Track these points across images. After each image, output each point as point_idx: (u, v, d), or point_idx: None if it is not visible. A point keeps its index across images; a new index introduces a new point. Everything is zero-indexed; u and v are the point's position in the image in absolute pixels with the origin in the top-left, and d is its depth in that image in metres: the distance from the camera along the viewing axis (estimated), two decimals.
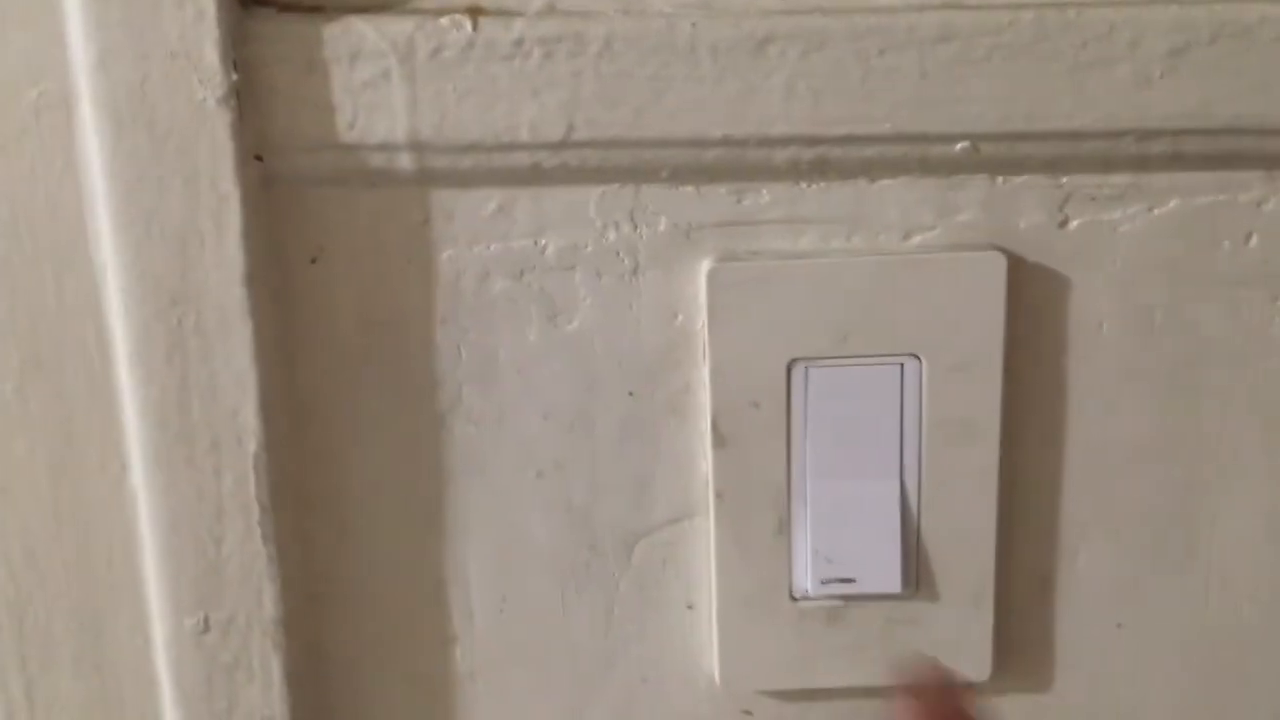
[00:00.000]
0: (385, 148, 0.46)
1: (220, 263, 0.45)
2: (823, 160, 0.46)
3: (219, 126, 0.44)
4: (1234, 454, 0.50)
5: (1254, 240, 0.48)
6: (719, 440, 0.49)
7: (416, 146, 0.46)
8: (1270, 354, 0.49)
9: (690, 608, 0.52)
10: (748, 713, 0.53)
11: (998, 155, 0.46)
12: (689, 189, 0.47)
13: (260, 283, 0.46)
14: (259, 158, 0.45)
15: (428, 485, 0.50)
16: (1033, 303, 0.48)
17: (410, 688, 0.53)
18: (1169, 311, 0.48)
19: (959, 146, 0.46)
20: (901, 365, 0.48)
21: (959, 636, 0.51)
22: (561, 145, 0.46)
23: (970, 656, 0.51)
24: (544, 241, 0.48)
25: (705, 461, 0.50)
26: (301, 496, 0.50)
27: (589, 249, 0.48)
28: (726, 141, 0.46)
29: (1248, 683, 0.53)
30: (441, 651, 0.52)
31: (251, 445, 0.47)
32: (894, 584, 0.50)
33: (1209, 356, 0.49)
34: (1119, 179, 0.47)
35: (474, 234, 0.48)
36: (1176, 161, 0.46)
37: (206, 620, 0.49)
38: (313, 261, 0.48)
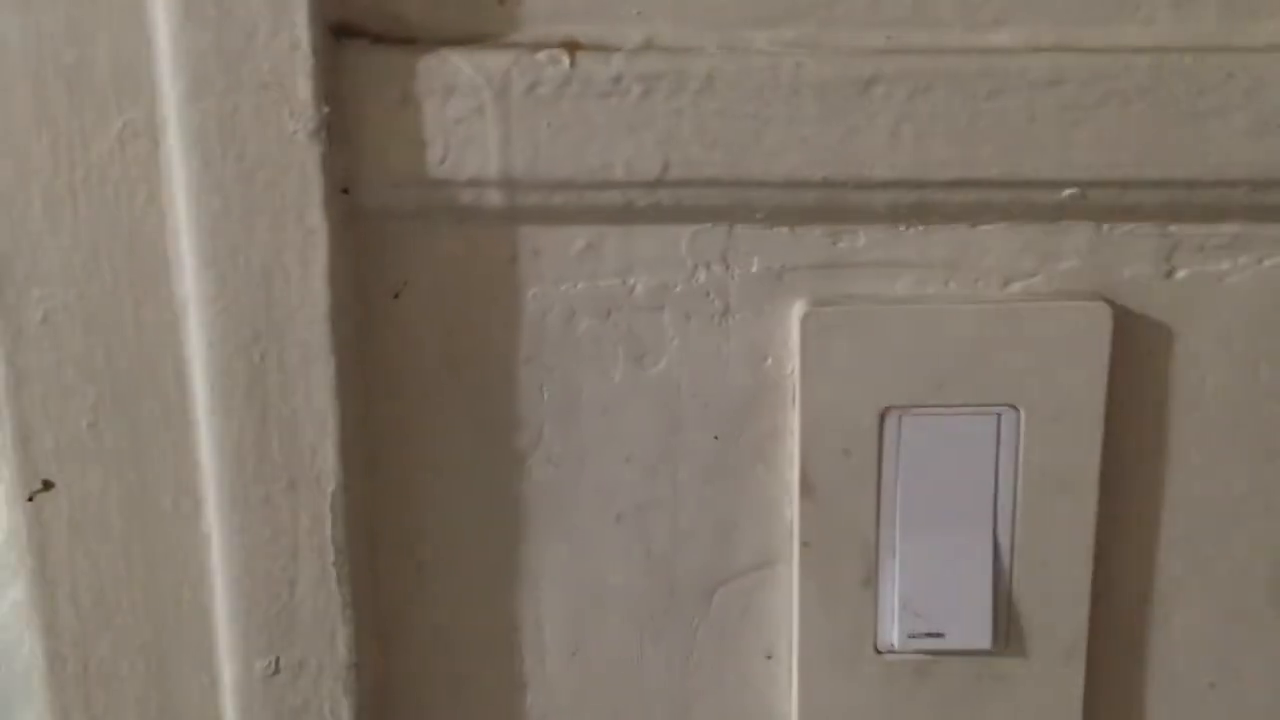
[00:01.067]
0: (476, 183, 0.44)
1: (304, 298, 0.44)
2: (924, 204, 0.45)
3: (309, 160, 0.42)
4: None
5: None
6: (806, 488, 0.48)
7: (508, 183, 0.44)
8: None
9: (769, 658, 0.51)
10: None
11: (1105, 202, 0.45)
12: (783, 230, 0.46)
13: (343, 318, 0.45)
14: (346, 191, 0.44)
15: (505, 526, 0.49)
16: (1135, 355, 0.47)
17: None
18: (1274, 367, 0.47)
19: (1066, 193, 0.45)
20: (999, 416, 0.47)
21: (1049, 695, 0.49)
22: (657, 184, 0.44)
23: (1059, 716, 0.50)
24: (633, 281, 0.47)
25: (791, 509, 0.49)
26: (376, 537, 0.49)
27: (678, 289, 0.47)
28: (826, 183, 0.44)
29: None
30: (512, 697, 0.51)
31: (330, 485, 0.46)
32: (984, 640, 0.48)
33: None
34: (1229, 229, 0.46)
35: (561, 272, 0.47)
36: None
37: (277, 663, 0.48)
38: (396, 297, 0.47)
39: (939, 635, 0.48)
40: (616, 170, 0.44)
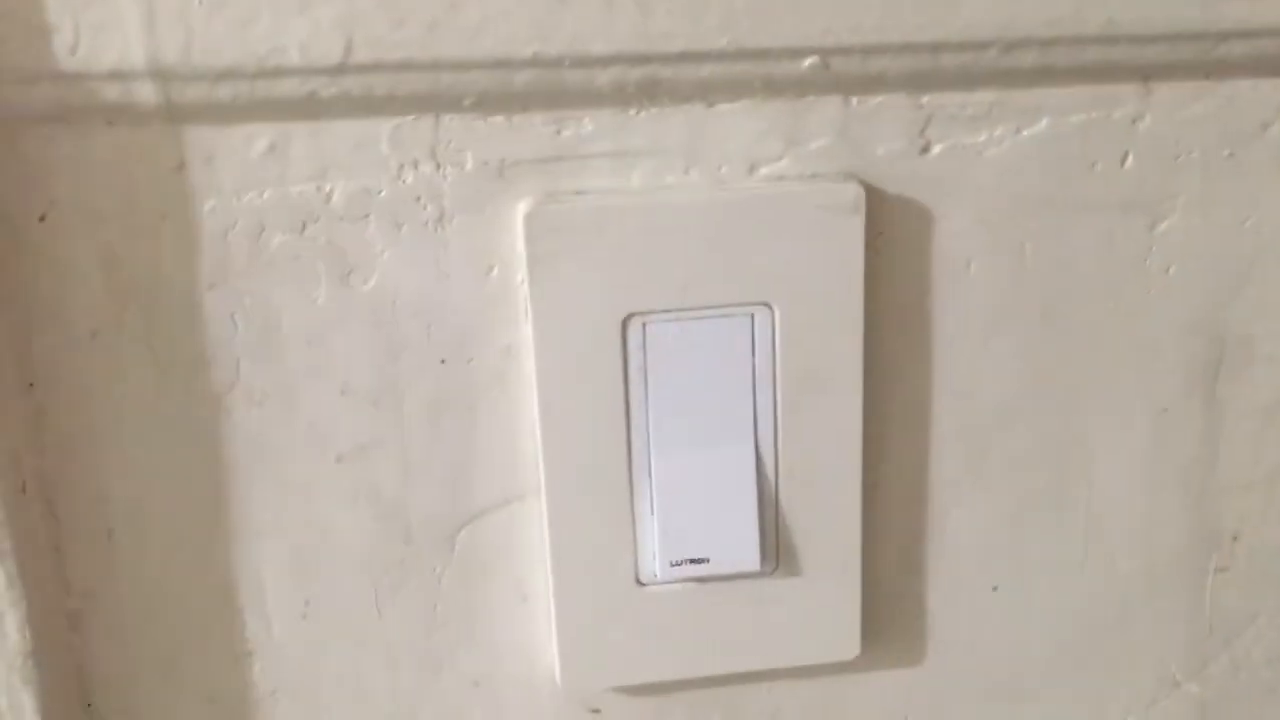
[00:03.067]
0: (119, 76, 0.37)
1: None
2: (653, 82, 0.40)
3: None
4: (1109, 398, 0.46)
5: (1129, 161, 0.43)
6: (547, 410, 0.43)
7: (159, 74, 0.37)
8: (1147, 288, 0.45)
9: (525, 601, 0.46)
10: (596, 711, 0.47)
11: (850, 72, 0.40)
12: (499, 119, 0.40)
13: None
14: None
15: (206, 479, 0.43)
16: (893, 240, 0.43)
17: (202, 713, 0.45)
18: (1040, 245, 0.44)
19: (807, 63, 0.40)
20: (751, 315, 0.42)
21: (824, 614, 0.46)
22: (340, 69, 0.38)
23: (837, 635, 0.46)
24: (329, 186, 0.40)
25: (533, 435, 0.43)
26: (50, 502, 0.42)
27: (383, 194, 0.41)
28: (538, 61, 0.39)
29: (1125, 640, 0.49)
30: (236, 668, 0.45)
31: None
32: (752, 561, 0.44)
33: (1083, 293, 0.44)
34: (983, 96, 0.42)
35: (242, 180, 0.40)
36: (1045, 75, 0.41)
37: None
38: (41, 219, 0.39)
39: (703, 560, 0.44)
40: (291, 54, 0.38)
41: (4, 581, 0.40)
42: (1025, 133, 0.42)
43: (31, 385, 0.41)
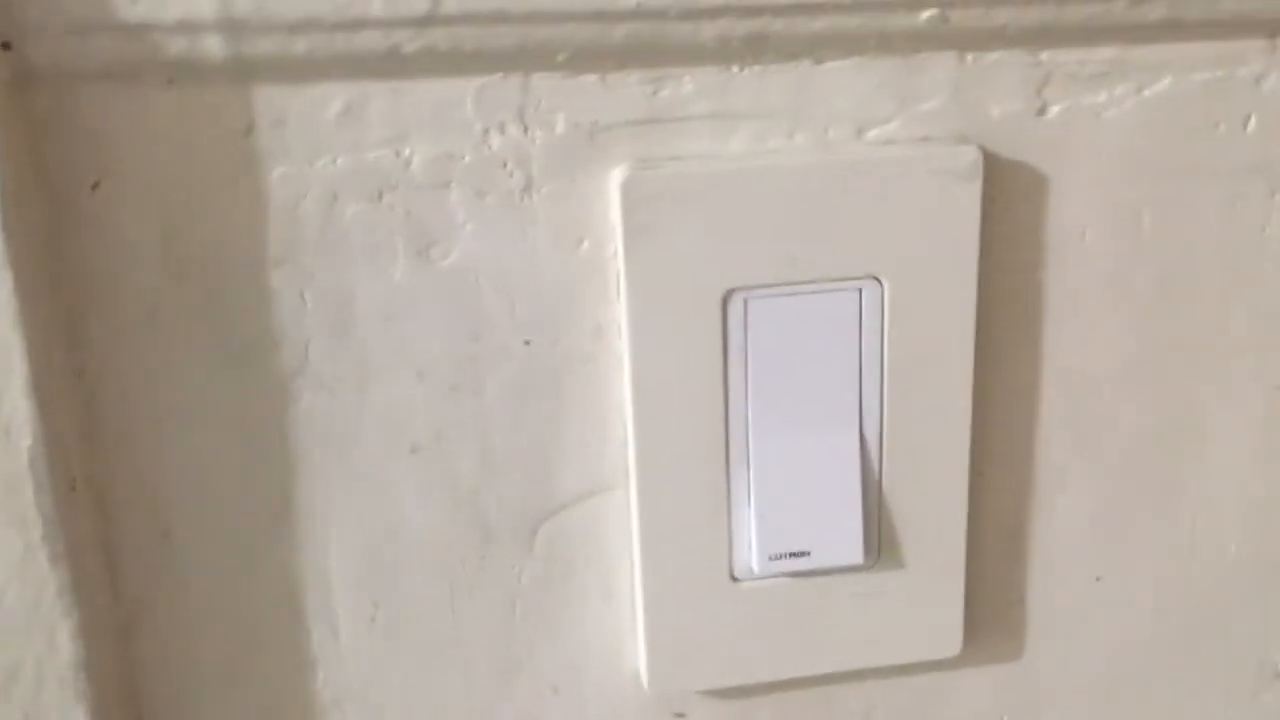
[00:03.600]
0: (186, 27, 0.34)
1: None
2: (760, 36, 0.37)
3: None
4: (1225, 375, 0.43)
5: (1252, 124, 0.41)
6: (640, 394, 0.39)
7: (230, 25, 0.34)
8: (1265, 258, 0.42)
9: (609, 599, 0.43)
10: (680, 715, 0.44)
11: (969, 25, 0.38)
12: (592, 78, 0.37)
13: (20, 217, 0.34)
14: (6, 45, 0.33)
15: (271, 470, 0.39)
16: (1007, 208, 0.40)
17: None
18: (1158, 213, 0.41)
19: (924, 15, 0.37)
20: (860, 290, 0.39)
21: (927, 609, 0.43)
22: (427, 20, 0.35)
23: (939, 631, 0.44)
24: (408, 152, 0.37)
25: (623, 421, 0.40)
26: (103, 501, 0.38)
27: (467, 160, 0.37)
28: (640, 12, 0.36)
29: (1229, 630, 0.47)
30: (299, 678, 0.42)
31: (25, 438, 0.35)
32: (855, 555, 0.41)
33: (1200, 264, 0.42)
34: (1104, 53, 0.39)
35: (315, 144, 0.36)
36: (1171, 29, 0.39)
37: None
38: (94, 187, 0.36)
39: (804, 554, 0.41)
40: (373, 5, 0.34)
41: (55, 589, 0.36)
42: (1146, 92, 0.40)
43: (82, 372, 0.37)
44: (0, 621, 0.36)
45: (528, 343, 0.39)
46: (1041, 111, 0.39)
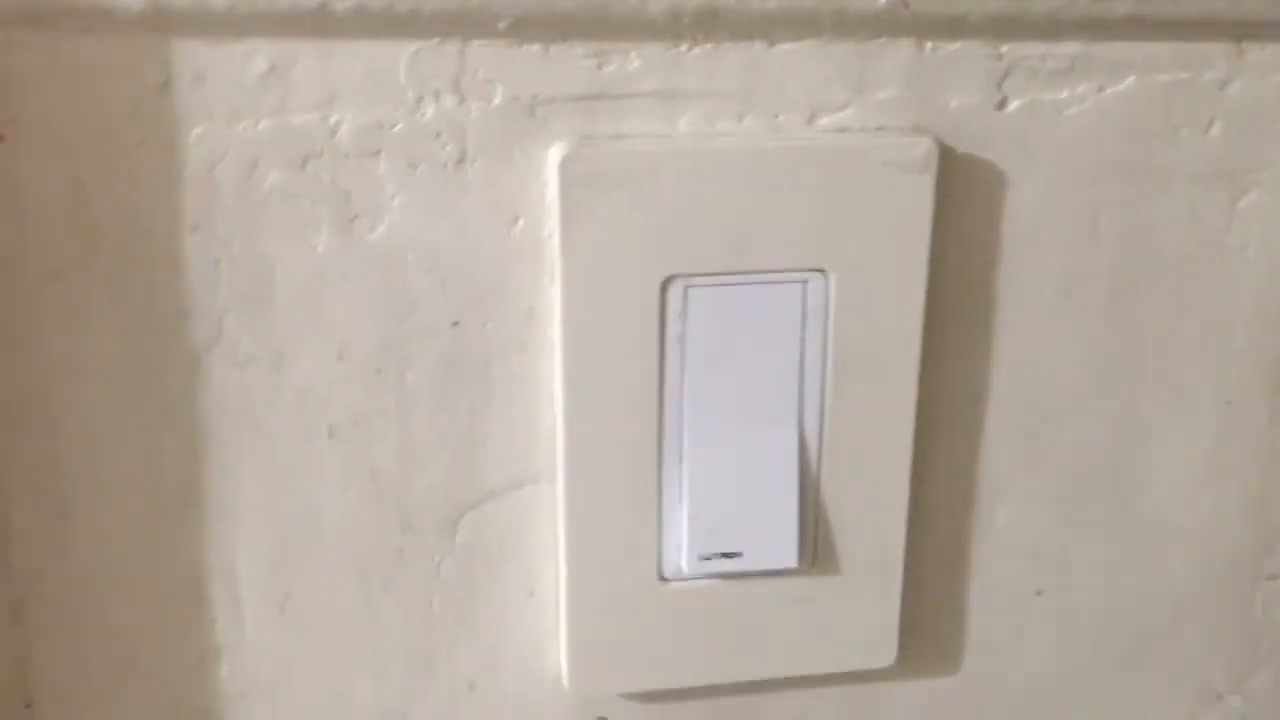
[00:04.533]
0: None
1: None
2: (711, 13, 0.35)
3: None
4: (1178, 386, 0.42)
5: (1215, 128, 0.39)
6: (571, 383, 0.38)
7: None
8: (1225, 267, 0.41)
9: (532, 595, 0.41)
10: (602, 719, 0.43)
11: (930, 12, 0.36)
12: (534, 48, 0.35)
13: None
14: None
15: (179, 448, 0.37)
16: (960, 204, 0.39)
17: (161, 718, 0.40)
18: (1114, 216, 0.40)
19: (884, 0, 0.36)
20: (804, 283, 0.38)
21: (861, 617, 0.42)
22: None
23: (873, 640, 0.42)
24: (335, 118, 0.35)
25: (553, 411, 0.39)
26: None
27: (398, 128, 0.35)
28: None
29: (1169, 649, 0.46)
30: (203, 668, 0.40)
31: None
32: (790, 558, 0.40)
33: (1155, 271, 0.41)
34: (1068, 48, 0.38)
35: (235, 105, 0.34)
36: (1136, 27, 0.38)
37: None
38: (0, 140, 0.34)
39: (736, 555, 0.40)
40: None
41: None
42: (1109, 91, 0.38)
43: None
44: None
45: (456, 324, 0.38)
46: (1001, 105, 0.38)
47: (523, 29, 0.35)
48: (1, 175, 0.34)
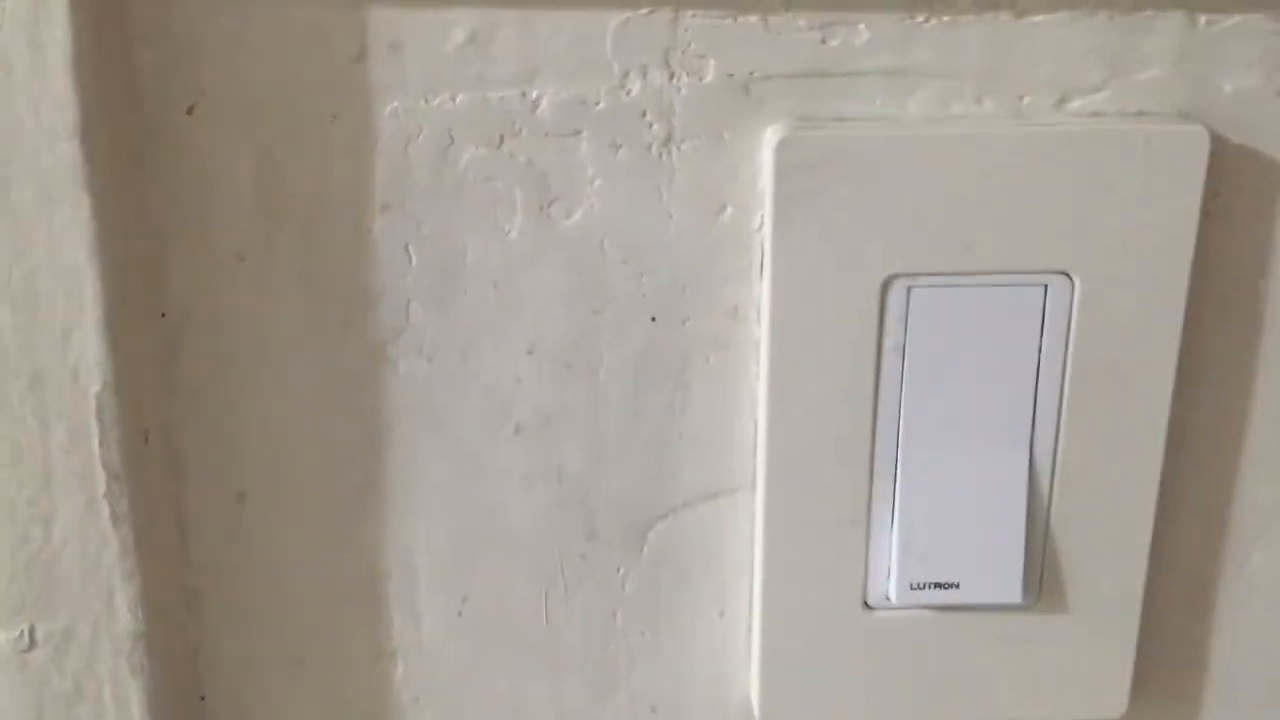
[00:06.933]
0: None
1: (38, 103, 0.29)
2: None
3: None
4: None
5: None
6: (777, 388, 0.34)
7: None
8: None
9: (722, 615, 0.38)
10: None
11: None
12: (752, 19, 0.32)
13: (104, 138, 0.30)
14: None
15: (360, 440, 0.35)
16: (1232, 202, 0.34)
17: (331, 717, 0.38)
18: None
19: None
20: (1045, 287, 0.34)
21: (1091, 661, 0.37)
22: None
23: (1103, 686, 0.38)
24: (535, 93, 0.33)
25: (755, 417, 0.35)
26: (177, 458, 0.35)
27: (601, 106, 0.33)
28: None
29: None
30: (376, 669, 0.38)
31: (94, 384, 0.32)
32: (1013, 592, 0.36)
33: None
34: None
35: (432, 78, 0.32)
36: None
37: (32, 633, 0.34)
38: (189, 111, 0.32)
39: (952, 586, 0.36)
40: None
41: (118, 550, 0.33)
42: None
43: (164, 315, 0.34)
44: (55, 583, 0.33)
45: (654, 320, 0.35)
46: None
47: None
48: (189, 148, 0.32)
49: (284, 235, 0.33)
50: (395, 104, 0.32)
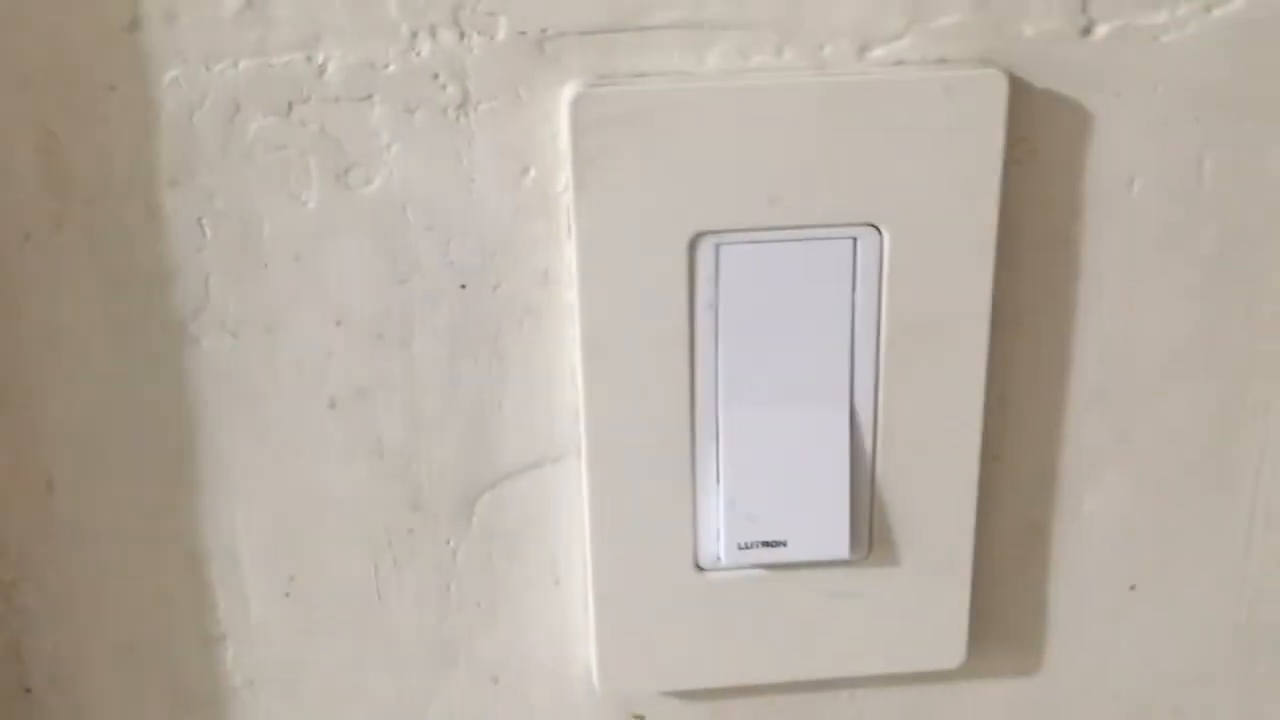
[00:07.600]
0: None
1: None
2: None
3: None
4: None
5: None
6: (592, 351, 0.34)
7: None
8: None
9: (557, 583, 0.37)
10: (639, 717, 0.39)
11: None
12: None
13: None
14: None
15: (168, 424, 0.35)
16: (1038, 147, 0.34)
17: (163, 705, 0.38)
18: (1222, 160, 0.34)
19: None
20: (854, 240, 0.33)
21: (925, 613, 0.37)
22: None
23: (939, 638, 0.38)
24: (322, 57, 0.32)
25: (574, 382, 0.35)
26: None
27: (391, 69, 0.32)
28: None
29: None
30: (205, 654, 0.37)
31: None
32: (840, 547, 0.35)
33: (1272, 223, 0.35)
34: None
35: (212, 45, 0.31)
36: None
37: None
38: None
39: (780, 544, 0.35)
40: None
41: None
42: (1216, 12, 0.33)
43: None
44: None
45: (464, 287, 0.34)
46: (1086, 32, 0.33)
47: None
48: None
49: (71, 213, 0.32)
50: (174, 73, 0.31)
